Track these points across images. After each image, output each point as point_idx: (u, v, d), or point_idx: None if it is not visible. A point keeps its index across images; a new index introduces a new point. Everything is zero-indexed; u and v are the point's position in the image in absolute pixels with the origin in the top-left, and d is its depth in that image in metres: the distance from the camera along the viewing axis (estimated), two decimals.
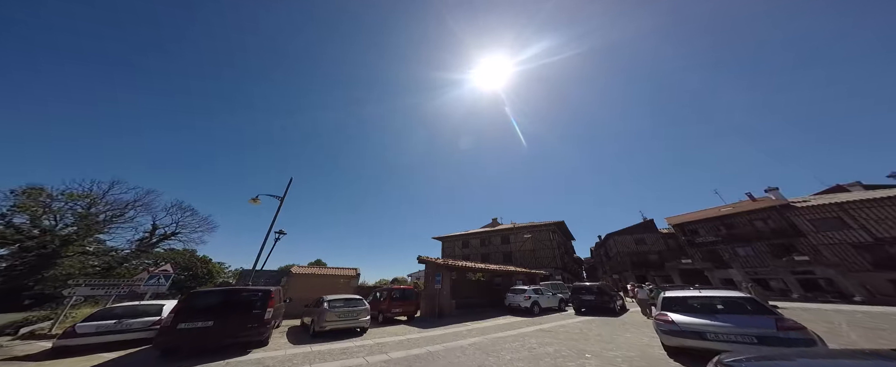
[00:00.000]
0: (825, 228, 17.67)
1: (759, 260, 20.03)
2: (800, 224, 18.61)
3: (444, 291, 10.74)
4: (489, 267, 13.81)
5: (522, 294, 11.21)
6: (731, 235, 21.85)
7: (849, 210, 17.01)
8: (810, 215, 18.32)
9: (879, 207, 16.27)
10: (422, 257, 11.62)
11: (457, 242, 32.94)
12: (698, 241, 24.16)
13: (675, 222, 27.37)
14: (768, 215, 20.36)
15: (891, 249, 15.84)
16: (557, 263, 25.46)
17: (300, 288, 11.24)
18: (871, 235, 16.26)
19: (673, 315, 4.22)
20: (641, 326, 7.80)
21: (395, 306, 9.20)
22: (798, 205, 18.82)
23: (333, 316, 6.60)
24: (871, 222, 16.36)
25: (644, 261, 29.16)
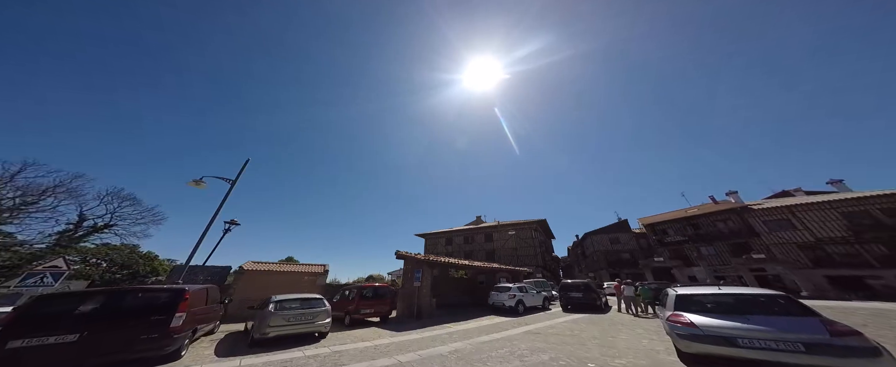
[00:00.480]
0: (776, 229, 19.20)
1: (720, 258, 21.40)
2: (755, 225, 20.09)
3: (423, 289, 9.65)
4: (473, 264, 12.96)
5: (507, 293, 10.49)
6: (697, 235, 23.18)
7: (796, 213, 18.61)
8: (764, 216, 19.83)
9: (820, 210, 17.95)
10: (400, 252, 10.43)
11: (440, 239, 31.93)
12: (667, 240, 25.45)
13: (646, 222, 28.67)
14: (728, 217, 21.82)
15: (828, 248, 17.53)
16: (538, 261, 25.46)
17: (252, 287, 9.41)
18: (814, 235, 17.89)
19: (692, 317, 3.53)
20: (633, 325, 7.33)
21: (365, 305, 7.93)
22: (755, 208, 20.31)
23: (280, 320, 5.25)
24: (813, 223, 18.00)
25: (617, 260, 30.29)
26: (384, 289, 8.81)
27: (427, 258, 9.98)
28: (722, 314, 3.46)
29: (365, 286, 8.46)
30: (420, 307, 9.39)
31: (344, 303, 8.24)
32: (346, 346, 5.43)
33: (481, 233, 29.62)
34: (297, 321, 5.36)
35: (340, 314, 7.94)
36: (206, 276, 9.75)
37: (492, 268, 14.15)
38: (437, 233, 32.35)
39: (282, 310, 5.38)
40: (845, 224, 17.02)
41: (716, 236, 22.00)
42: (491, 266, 14.05)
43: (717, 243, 21.80)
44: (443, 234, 31.95)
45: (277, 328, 5.15)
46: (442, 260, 10.61)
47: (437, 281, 12.00)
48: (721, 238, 21.65)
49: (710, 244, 22.16)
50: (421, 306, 9.41)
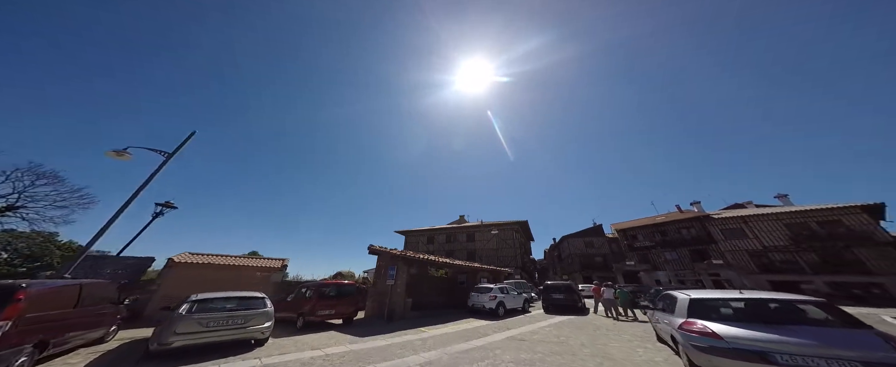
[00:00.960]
0: (731, 237, 20.77)
1: (682, 263, 22.76)
2: (714, 233, 21.61)
3: (397, 288, 8.58)
4: (454, 262, 12.10)
5: (488, 294, 9.78)
6: (664, 241, 24.49)
7: (748, 222, 20.26)
8: (722, 225, 21.39)
9: (768, 221, 19.70)
10: (373, 246, 9.26)
11: (421, 237, 30.75)
12: (637, 245, 26.67)
13: (619, 227, 29.90)
14: (692, 225, 23.31)
15: (772, 255, 19.26)
16: (518, 262, 25.35)
17: (184, 284, 7.48)
18: (761, 243, 19.56)
19: (714, 326, 2.95)
20: (618, 331, 6.90)
21: (324, 305, 6.69)
22: (714, 217, 21.85)
23: (193, 325, 3.97)
24: (762, 233, 19.69)
25: (591, 263, 31.31)
26: (349, 287, 7.60)
27: (403, 254, 8.93)
28: (749, 322, 2.90)
29: (326, 284, 7.20)
30: (392, 308, 8.31)
31: (299, 303, 6.90)
32: (287, 357, 4.24)
33: (464, 232, 28.98)
34: (219, 326, 4.08)
35: (292, 316, 6.60)
36: (117, 268, 7.72)
37: (473, 268, 13.41)
38: (418, 231, 31.14)
39: (199, 312, 4.05)
40: (787, 234, 18.80)
41: (680, 242, 23.38)
42: (472, 266, 13.31)
43: (680, 249, 23.17)
44: (424, 232, 30.83)
45: (187, 337, 3.86)
46: (420, 257, 9.61)
47: (414, 280, 10.97)
48: (684, 244, 23.04)
49: (675, 250, 23.51)
50: (393, 307, 8.33)
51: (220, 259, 8.66)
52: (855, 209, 17.10)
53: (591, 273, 29.54)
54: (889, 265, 15.85)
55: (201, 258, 8.31)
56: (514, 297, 10.83)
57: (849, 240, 16.94)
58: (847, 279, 16.59)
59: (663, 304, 4.49)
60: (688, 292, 3.86)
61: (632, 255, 26.52)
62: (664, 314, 4.13)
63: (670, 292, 4.31)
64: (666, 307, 4.22)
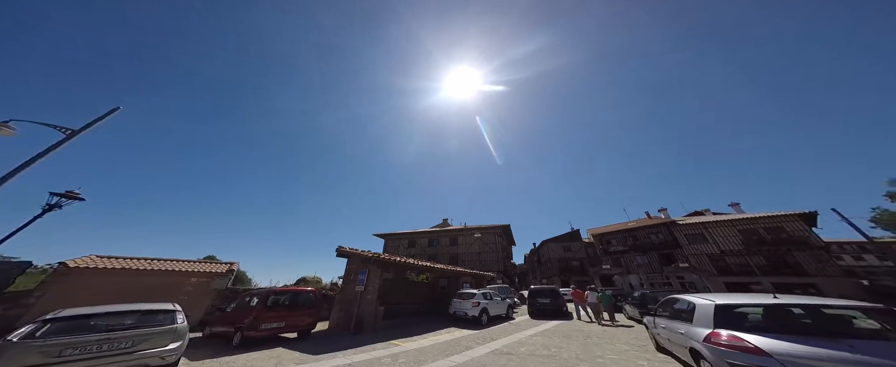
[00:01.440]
0: (694, 241, 22.22)
1: (652, 267, 23.88)
2: (679, 238, 23.00)
3: (368, 294, 7.49)
4: (435, 266, 11.18)
5: (470, 300, 9.00)
6: (635, 245, 25.64)
7: (708, 228, 21.85)
8: (686, 231, 22.86)
9: (724, 227, 21.39)
10: (343, 248, 8.13)
11: (402, 240, 29.30)
12: (611, 250, 27.66)
13: (594, 232, 30.93)
14: (659, 230, 24.68)
15: (728, 259, 20.84)
16: (500, 267, 24.97)
17: (82, 296, 5.57)
18: (719, 248, 21.12)
19: (755, 339, 2.42)
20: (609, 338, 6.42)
21: (271, 317, 5.44)
22: (680, 223, 23.33)
23: (28, 356, 2.69)
24: (719, 238, 21.29)
25: (568, 267, 31.96)
26: (306, 295, 6.38)
27: (377, 257, 7.89)
28: (794, 335, 2.38)
29: (276, 291, 5.93)
30: (361, 317, 7.19)
31: (238, 314, 5.56)
32: None
33: (447, 236, 28.10)
34: (85, 354, 2.85)
35: (228, 331, 5.26)
36: None
37: (455, 272, 12.59)
38: (398, 234, 29.69)
39: (56, 335, 2.77)
40: (740, 239, 20.49)
41: (650, 246, 24.59)
42: (455, 270, 12.48)
43: (650, 253, 24.35)
44: (405, 235, 29.45)
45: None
46: (396, 260, 8.61)
47: (390, 286, 9.88)
48: (653, 249, 24.26)
49: (645, 254, 24.67)
50: (362, 316, 7.22)
51: (138, 263, 6.76)
52: (793, 217, 19.10)
53: (569, 277, 30.06)
54: (821, 268, 17.77)
55: (111, 263, 6.34)
56: (498, 303, 10.18)
57: (789, 245, 18.81)
58: (789, 281, 18.30)
59: (669, 310, 4.03)
60: (710, 297, 3.26)
61: (607, 259, 27.42)
62: (674, 321, 3.65)
63: (681, 297, 3.82)
64: (675, 314, 3.74)
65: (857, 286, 17.00)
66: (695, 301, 3.32)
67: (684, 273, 22.05)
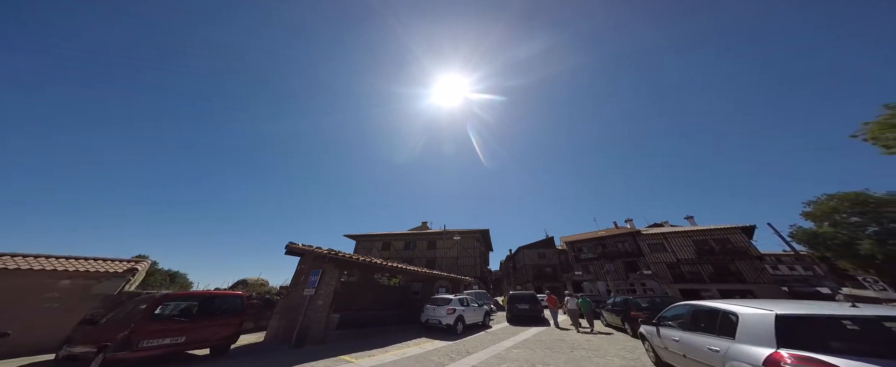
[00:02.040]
0: (655, 250, 23.66)
1: (618, 274, 24.91)
2: (643, 247, 24.37)
3: (318, 299, 6.03)
4: (407, 268, 9.88)
5: (445, 306, 7.91)
6: (604, 253, 26.67)
7: (668, 238, 23.45)
8: (649, 240, 24.31)
9: (681, 237, 23.10)
10: (294, 244, 6.58)
11: (375, 242, 27.15)
12: (582, 257, 28.51)
13: (567, 240, 31.80)
14: (626, 239, 26.00)
15: (683, 267, 22.44)
16: (477, 272, 24.13)
17: None
18: (676, 257, 22.68)
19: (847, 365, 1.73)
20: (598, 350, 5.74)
21: (161, 330, 3.81)
22: (644, 232, 24.77)
23: None
24: (676, 247, 22.92)
25: (541, 273, 32.31)
26: (225, 300, 4.78)
27: (333, 254, 6.49)
28: (882, 357, 1.74)
29: (174, 295, 4.24)
30: (306, 327, 5.68)
31: (109, 328, 3.75)
32: None
33: (425, 239, 26.65)
34: None
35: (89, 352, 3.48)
36: None
37: (430, 275, 11.37)
38: (372, 235, 27.52)
39: None
40: (694, 249, 22.22)
41: (617, 254, 25.72)
42: (430, 273, 11.27)
43: (616, 261, 25.45)
44: (379, 237, 27.38)
45: None
46: (359, 259, 7.25)
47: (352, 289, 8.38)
48: (620, 257, 25.40)
49: (612, 261, 25.73)
50: (308, 325, 5.71)
51: None
52: (736, 230, 21.22)
53: (542, 283, 30.27)
54: (757, 276, 19.80)
55: None
56: (475, 310, 9.19)
57: (733, 255, 20.79)
58: (732, 288, 20.09)
59: (684, 319, 3.32)
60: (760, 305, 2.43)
61: (578, 266, 28.14)
62: (693, 334, 2.93)
63: (705, 304, 3.08)
64: (693, 325, 3.04)
65: (782, 293, 19.21)
66: (737, 310, 2.55)
67: (646, 280, 23.28)
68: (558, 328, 8.84)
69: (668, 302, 6.72)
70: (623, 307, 7.53)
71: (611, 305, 9.03)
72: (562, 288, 26.75)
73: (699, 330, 2.92)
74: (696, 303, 3.29)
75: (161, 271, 21.36)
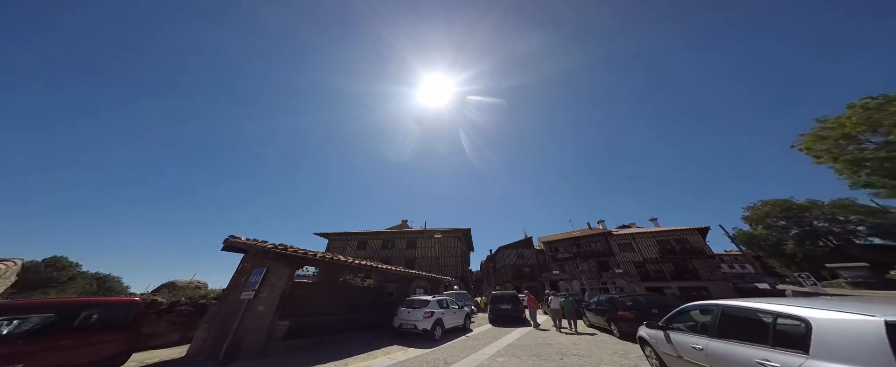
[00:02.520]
0: (625, 250, 24.84)
1: (591, 273, 25.75)
2: (613, 247, 25.47)
3: (259, 304, 4.79)
4: (378, 267, 8.77)
5: (422, 309, 6.99)
6: (579, 253, 27.48)
7: (636, 239, 24.75)
8: (619, 240, 25.48)
9: (647, 238, 24.51)
10: (234, 238, 5.26)
11: (350, 241, 25.22)
12: (558, 257, 29.17)
13: (544, 240, 32.43)
14: (598, 240, 27.04)
15: (648, 266, 23.77)
16: (458, 272, 23.40)
17: None
18: (642, 256, 23.99)
19: None
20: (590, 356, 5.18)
21: None
22: (615, 233, 25.93)
23: None
24: (643, 248, 24.25)
25: (520, 273, 32.54)
26: (103, 308, 3.41)
27: (282, 250, 5.29)
28: None
29: (15, 305, 2.87)
30: (241, 337, 4.43)
31: None
32: None
33: (404, 238, 25.33)
34: None
35: None
36: None
37: (407, 275, 10.34)
38: (346, 234, 25.55)
39: None
40: (658, 249, 23.67)
41: (590, 254, 26.61)
42: (406, 272, 10.24)
43: (590, 261, 26.34)
44: (354, 235, 25.50)
45: None
46: (316, 256, 6.09)
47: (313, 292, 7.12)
48: (593, 257, 26.31)
49: (586, 261, 26.58)
50: (243, 335, 4.47)
51: None
52: (693, 231, 22.98)
53: (521, 283, 30.40)
54: (711, 274, 21.53)
55: None
56: (456, 312, 8.37)
57: (691, 254, 22.44)
58: (689, 285, 21.62)
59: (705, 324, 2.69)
60: (842, 307, 1.74)
61: (555, 265, 28.69)
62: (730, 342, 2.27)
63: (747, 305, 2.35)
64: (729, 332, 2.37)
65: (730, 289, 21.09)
66: (807, 315, 1.76)
67: (617, 279, 24.31)
68: (539, 330, 8.35)
69: (654, 301, 6.47)
70: (609, 306, 7.18)
71: (595, 304, 8.67)
72: (540, 288, 27.00)
73: (738, 339, 2.25)
74: (729, 303, 2.58)
75: (85, 274, 17.66)
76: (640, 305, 6.38)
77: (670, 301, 6.46)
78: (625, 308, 6.40)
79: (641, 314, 6.09)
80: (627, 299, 6.92)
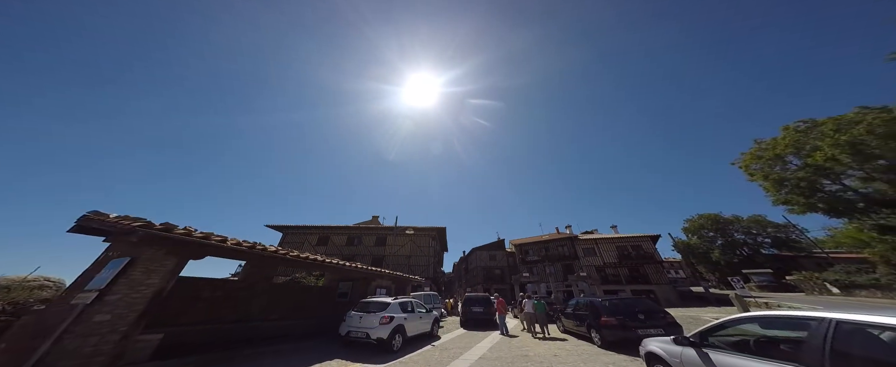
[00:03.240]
0: (588, 255, 25.87)
1: (557, 276, 26.30)
2: (578, 252, 26.41)
3: (104, 311, 2.89)
4: (327, 261, 6.96)
5: (379, 313, 5.47)
6: (547, 256, 27.98)
7: (598, 244, 25.96)
8: (584, 245, 26.51)
9: (607, 243, 25.87)
10: (93, 215, 3.28)
11: (309, 236, 22.11)
12: (528, 260, 29.43)
13: (515, 243, 32.59)
14: (565, 244, 27.88)
15: (607, 270, 25.01)
16: (430, 273, 21.90)
17: None
18: (603, 261, 25.19)
19: None
20: None
21: None
22: (580, 238, 26.94)
23: None
24: (604, 253, 25.51)
25: (491, 275, 32.20)
26: None
27: (158, 231, 3.45)
28: None
29: None
30: (54, 363, 2.50)
31: None
32: None
33: (373, 234, 23.05)
34: None
35: None
36: None
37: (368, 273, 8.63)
38: (304, 227, 22.39)
39: None
40: (616, 254, 25.08)
41: (557, 257, 27.24)
42: (365, 270, 8.52)
43: (556, 264, 26.96)
44: (315, 229, 22.47)
45: None
46: (227, 243, 4.30)
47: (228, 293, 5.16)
48: (560, 260, 26.98)
49: (553, 264, 27.15)
50: (61, 358, 2.54)
51: None
52: (647, 238, 24.83)
53: (491, 285, 29.99)
54: (658, 278, 23.33)
55: None
56: (422, 317, 6.95)
57: (643, 260, 24.14)
58: (641, 288, 23.15)
59: (781, 343, 1.84)
60: None
61: (524, 268, 28.83)
62: None
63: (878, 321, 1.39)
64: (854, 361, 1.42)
65: (674, 292, 23.11)
66: None
67: (581, 282, 25.15)
68: (509, 336, 7.43)
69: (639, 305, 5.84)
70: (589, 310, 6.41)
71: (572, 308, 7.75)
72: (509, 290, 26.73)
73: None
74: (853, 318, 1.52)
75: None
76: (625, 309, 5.70)
77: (653, 305, 5.89)
78: (609, 313, 5.66)
79: (627, 319, 5.37)
80: (608, 302, 6.22)
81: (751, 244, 28.82)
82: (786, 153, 13.89)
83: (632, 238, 25.15)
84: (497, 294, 10.96)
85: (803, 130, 13.10)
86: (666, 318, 5.31)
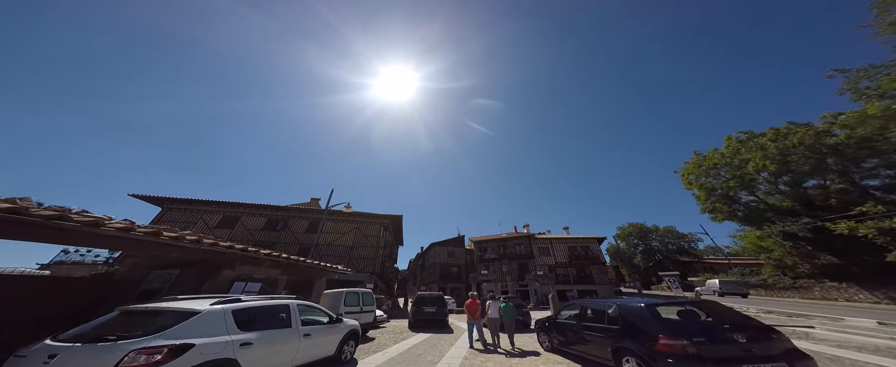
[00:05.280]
0: (542, 254, 24.93)
1: (513, 275, 24.58)
2: (534, 251, 25.31)
3: None
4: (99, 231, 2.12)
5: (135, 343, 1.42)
6: (505, 254, 26.20)
7: (553, 244, 25.30)
8: (539, 244, 25.56)
9: (560, 243, 25.41)
10: None
11: (205, 213, 15.18)
12: (486, 257, 27.23)
13: (475, 240, 30.24)
14: (523, 242, 26.63)
15: (558, 270, 24.42)
16: (377, 268, 17.28)
17: None
18: (556, 260, 24.52)
19: None
20: None
21: None
22: (537, 237, 25.97)
23: None
24: (557, 252, 24.90)
25: (448, 273, 28.99)
26: None
27: None
28: None
29: None
30: None
31: None
32: None
33: (304, 218, 17.30)
34: None
35: None
36: None
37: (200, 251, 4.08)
38: (197, 202, 15.41)
39: None
40: (568, 254, 24.72)
41: (515, 256, 25.67)
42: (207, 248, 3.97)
43: (512, 262, 25.35)
44: (216, 205, 15.66)
45: None
46: None
47: None
48: (517, 258, 25.46)
49: (511, 263, 25.46)
50: None
51: None
52: (594, 240, 25.18)
53: (447, 283, 26.72)
54: (601, 278, 23.58)
55: None
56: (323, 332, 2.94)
57: (589, 261, 24.24)
58: (586, 288, 22.99)
59: None
60: None
61: (482, 265, 26.45)
62: None
63: None
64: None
65: (613, 292, 23.64)
66: None
67: (535, 281, 23.90)
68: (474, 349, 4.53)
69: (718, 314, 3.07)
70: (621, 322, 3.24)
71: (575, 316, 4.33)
72: (464, 289, 23.75)
73: None
74: None
75: None
76: (703, 325, 2.82)
77: (750, 320, 3.14)
78: (674, 332, 2.72)
79: (713, 344, 2.47)
80: (662, 308, 3.26)
81: (663, 251, 32.32)
82: (721, 163, 14.48)
83: (582, 240, 25.20)
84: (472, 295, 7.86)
85: (743, 140, 13.80)
86: (782, 342, 2.58)
